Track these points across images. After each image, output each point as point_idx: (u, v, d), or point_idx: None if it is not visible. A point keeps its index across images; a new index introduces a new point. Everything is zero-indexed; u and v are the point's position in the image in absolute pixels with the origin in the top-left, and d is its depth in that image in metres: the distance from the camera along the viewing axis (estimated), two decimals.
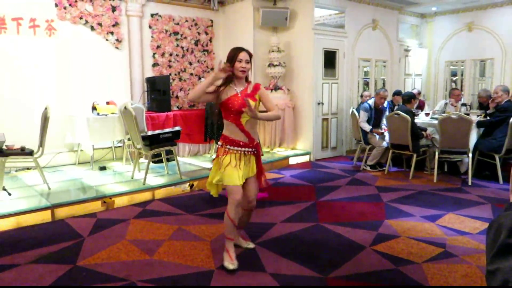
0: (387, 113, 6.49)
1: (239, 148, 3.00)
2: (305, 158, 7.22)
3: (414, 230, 3.81)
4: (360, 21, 7.74)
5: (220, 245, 3.43)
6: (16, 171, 5.74)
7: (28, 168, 5.81)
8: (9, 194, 4.46)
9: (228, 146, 3.01)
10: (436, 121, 5.84)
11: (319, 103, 7.27)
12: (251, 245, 3.42)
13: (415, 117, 6.13)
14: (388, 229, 3.83)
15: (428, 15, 9.25)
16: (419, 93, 8.09)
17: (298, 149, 7.47)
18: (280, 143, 7.47)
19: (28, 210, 4.08)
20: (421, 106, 7.55)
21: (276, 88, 7.33)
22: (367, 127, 6.38)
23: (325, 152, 7.49)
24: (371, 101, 6.46)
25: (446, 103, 7.34)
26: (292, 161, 7.00)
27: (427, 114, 6.63)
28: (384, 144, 6.35)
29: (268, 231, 3.80)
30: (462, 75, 9.08)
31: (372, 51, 8.01)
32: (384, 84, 8.40)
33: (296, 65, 7.41)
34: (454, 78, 9.42)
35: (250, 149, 3.04)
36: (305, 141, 7.38)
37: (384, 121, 6.48)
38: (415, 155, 5.82)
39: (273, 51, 7.30)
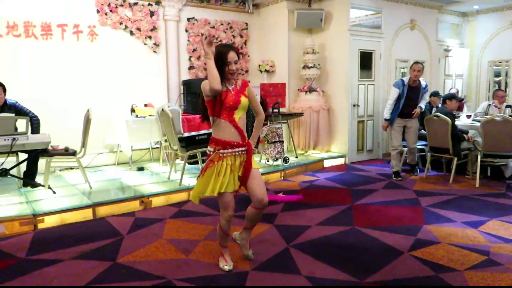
0: (426, 96, 5.85)
1: (233, 150, 2.87)
2: (340, 161, 7.12)
3: (455, 236, 3.67)
4: (397, 21, 7.56)
5: (254, 247, 3.45)
6: (60, 170, 6.01)
7: (71, 168, 6.06)
8: (54, 192, 4.67)
9: (221, 151, 2.85)
10: (478, 124, 5.63)
11: (354, 105, 7.16)
12: (251, 256, 3.22)
13: (456, 119, 5.91)
14: (427, 235, 3.71)
15: (469, 13, 8.91)
16: (457, 92, 7.79)
17: (333, 151, 7.38)
18: (314, 146, 7.42)
19: (71, 208, 4.25)
20: (459, 107, 7.25)
21: (310, 90, 7.29)
22: (386, 112, 5.77)
23: (360, 155, 7.36)
24: (406, 78, 5.83)
25: (489, 105, 7.02)
26: (327, 163, 6.93)
27: (468, 116, 6.38)
28: (398, 145, 5.81)
29: (303, 233, 3.78)
30: (506, 75, 8.68)
31: (410, 51, 7.80)
32: None
33: (331, 67, 7.34)
34: (498, 79, 9.01)
35: (243, 149, 2.90)
36: (340, 143, 7.29)
37: (421, 104, 5.75)
38: (455, 159, 5.61)
39: (307, 53, 7.26)
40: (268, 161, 6.28)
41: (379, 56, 7.37)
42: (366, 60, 7.24)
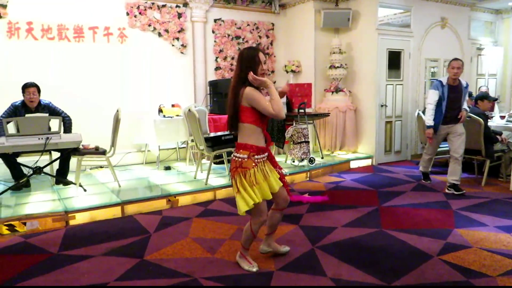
0: (466, 97, 5.20)
1: (265, 155, 2.92)
2: (367, 162, 7.02)
3: (487, 241, 3.55)
4: (427, 20, 7.38)
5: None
6: (90, 169, 6.18)
7: (101, 167, 6.23)
8: (85, 190, 4.80)
9: (255, 157, 2.83)
10: None
11: (382, 105, 7.03)
12: (287, 248, 3.33)
13: (489, 119, 5.72)
14: (457, 239, 3.60)
15: (504, 10, 8.60)
16: (487, 90, 7.53)
17: (360, 152, 7.28)
18: (341, 146, 7.34)
19: (100, 205, 4.37)
20: (490, 107, 6.98)
21: (337, 90, 7.22)
22: (428, 118, 5.06)
23: (388, 156, 7.23)
24: (443, 78, 5.13)
25: None
26: (353, 164, 6.84)
27: (502, 117, 6.16)
28: (431, 153, 5.55)
29: (328, 235, 3.75)
30: None
31: (440, 50, 7.60)
32: None
33: (358, 67, 7.24)
34: None
35: (267, 154, 2.97)
36: (367, 144, 7.18)
37: (465, 106, 5.10)
38: (488, 161, 5.43)
39: (334, 53, 7.19)
40: (293, 161, 6.25)
41: (408, 55, 7.21)
42: (394, 60, 7.11)
